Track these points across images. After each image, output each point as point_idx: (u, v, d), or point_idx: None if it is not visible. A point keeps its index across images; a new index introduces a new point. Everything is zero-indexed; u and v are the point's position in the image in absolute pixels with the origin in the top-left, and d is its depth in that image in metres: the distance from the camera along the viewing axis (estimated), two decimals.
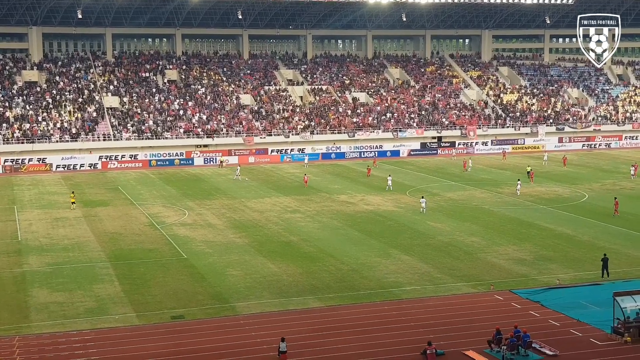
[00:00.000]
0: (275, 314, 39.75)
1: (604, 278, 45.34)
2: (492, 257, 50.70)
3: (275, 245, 54.67)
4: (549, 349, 34.13)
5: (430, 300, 42.06)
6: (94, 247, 54.18)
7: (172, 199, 74.42)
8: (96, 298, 42.46)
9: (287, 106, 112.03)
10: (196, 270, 47.91)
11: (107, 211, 67.85)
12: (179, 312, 39.99)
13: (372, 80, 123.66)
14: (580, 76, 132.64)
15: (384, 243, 54.77)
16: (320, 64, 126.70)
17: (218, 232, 58.80)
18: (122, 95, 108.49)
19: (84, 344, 35.47)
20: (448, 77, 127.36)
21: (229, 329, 37.60)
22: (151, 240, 56.46)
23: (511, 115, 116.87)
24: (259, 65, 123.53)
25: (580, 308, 39.97)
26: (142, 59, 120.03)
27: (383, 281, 45.46)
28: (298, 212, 66.53)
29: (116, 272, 47.67)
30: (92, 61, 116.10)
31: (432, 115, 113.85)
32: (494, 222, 61.68)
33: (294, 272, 47.25)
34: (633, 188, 78.08)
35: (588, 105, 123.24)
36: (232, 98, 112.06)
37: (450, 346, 34.63)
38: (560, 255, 50.96)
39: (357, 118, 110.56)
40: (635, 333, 35.58)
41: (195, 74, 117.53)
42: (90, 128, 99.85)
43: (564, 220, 62.29)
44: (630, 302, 36.36)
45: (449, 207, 68.37)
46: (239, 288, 44.15)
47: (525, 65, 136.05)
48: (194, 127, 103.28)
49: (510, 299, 42.01)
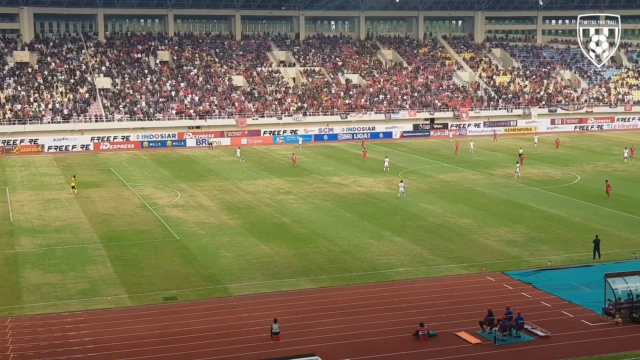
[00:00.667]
0: (267, 295, 39.81)
1: (596, 259, 45.52)
2: (484, 238, 50.83)
3: (267, 226, 54.68)
4: (541, 330, 34.28)
5: (422, 281, 42.17)
6: (86, 229, 54.10)
7: (164, 180, 74.31)
8: (88, 279, 42.44)
9: (280, 87, 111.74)
10: (188, 252, 47.92)
11: (99, 192, 67.72)
12: (171, 294, 40.01)
13: (365, 61, 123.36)
14: (572, 58, 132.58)
15: (376, 225, 54.83)
16: (313, 45, 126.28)
17: (210, 214, 58.77)
18: (114, 76, 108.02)
19: (76, 325, 35.47)
20: (441, 59, 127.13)
21: (221, 310, 37.65)
22: (143, 221, 56.40)
23: (504, 97, 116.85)
24: (252, 47, 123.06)
25: (571, 289, 40.13)
26: (134, 39, 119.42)
27: (375, 263, 45.55)
28: (290, 194, 66.52)
29: (108, 253, 47.64)
30: (84, 42, 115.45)
31: (424, 97, 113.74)
32: (485, 204, 61.79)
33: (286, 254, 47.30)
34: (625, 170, 78.28)
35: (580, 87, 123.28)
36: (225, 79, 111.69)
37: (442, 327, 34.75)
38: (552, 237, 51.12)
39: (350, 99, 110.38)
40: (626, 314, 35.78)
41: (188, 55, 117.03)
42: (82, 109, 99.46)
43: (556, 202, 62.44)
44: (622, 284, 36.52)
45: (441, 189, 68.45)
46: (232, 269, 44.19)
47: (517, 46, 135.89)
48: (186, 108, 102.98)
49: (502, 280, 42.15)
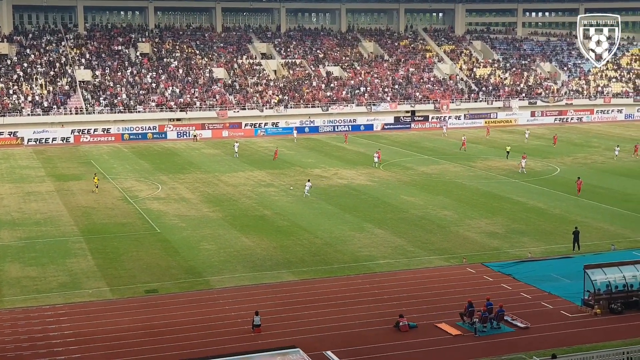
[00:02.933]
0: (249, 288, 39.85)
1: (575, 251, 45.91)
2: (465, 230, 51.09)
3: (249, 219, 54.66)
4: (521, 322, 34.55)
5: (403, 273, 42.37)
6: (66, 222, 53.85)
7: (145, 173, 74.04)
8: (69, 272, 42.28)
9: (261, 80, 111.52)
10: (170, 245, 47.83)
11: (80, 185, 67.39)
12: (152, 286, 39.96)
13: (346, 54, 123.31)
14: (552, 50, 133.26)
15: (358, 217, 54.95)
16: (294, 38, 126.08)
17: (192, 206, 58.65)
18: (94, 68, 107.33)
19: (57, 318, 35.38)
20: (421, 51, 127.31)
21: (202, 302, 37.65)
22: (124, 214, 56.21)
23: (484, 89, 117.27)
24: (232, 39, 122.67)
25: (551, 281, 40.47)
26: (115, 32, 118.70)
27: (357, 255, 45.67)
28: (272, 186, 66.50)
29: (89, 246, 47.47)
30: (64, 34, 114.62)
31: (405, 90, 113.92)
32: (466, 196, 62.07)
33: (267, 246, 47.33)
34: (604, 162, 78.86)
35: (560, 79, 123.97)
36: (205, 71, 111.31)
37: (423, 319, 34.95)
38: (532, 229, 51.46)
39: (331, 92, 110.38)
40: (605, 305, 36.14)
41: (168, 47, 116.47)
42: (62, 101, 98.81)
43: (536, 193, 62.83)
44: (601, 275, 36.90)
45: (423, 181, 68.67)
46: (213, 262, 44.17)
47: (498, 39, 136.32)
48: (167, 100, 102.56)
49: (482, 272, 42.42)
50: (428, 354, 31.43)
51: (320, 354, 30.99)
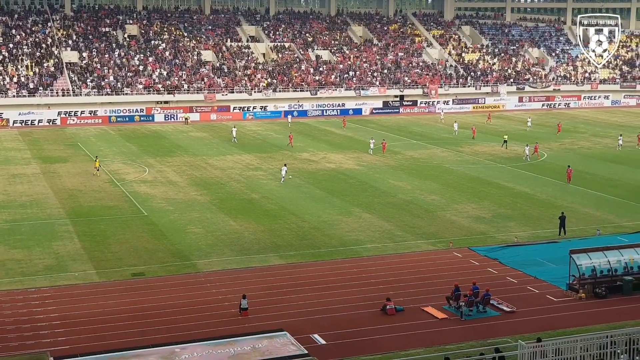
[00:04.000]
0: (236, 271, 39.86)
1: (561, 236, 46.12)
2: (452, 215, 51.23)
3: (236, 202, 54.60)
4: (507, 306, 34.72)
5: (391, 257, 42.47)
6: (52, 204, 53.63)
7: (132, 155, 73.77)
8: (55, 255, 42.15)
9: (250, 63, 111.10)
10: (157, 228, 47.73)
11: (67, 167, 67.08)
12: (139, 270, 39.90)
13: (335, 37, 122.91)
14: (541, 36, 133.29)
15: (346, 201, 54.99)
16: (283, 21, 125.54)
17: (179, 190, 58.52)
18: (81, 50, 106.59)
19: (42, 301, 35.28)
20: (411, 36, 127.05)
21: (189, 286, 37.63)
22: (111, 197, 56.02)
23: (472, 74, 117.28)
24: (221, 21, 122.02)
25: (537, 265, 40.67)
26: (102, 13, 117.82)
27: (344, 239, 45.73)
28: (260, 170, 66.41)
29: (76, 229, 47.31)
30: (50, 15, 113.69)
31: (394, 74, 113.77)
32: (454, 181, 62.20)
33: (255, 230, 47.31)
34: (590, 148, 79.14)
35: (548, 65, 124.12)
36: (193, 54, 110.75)
37: (410, 302, 35.05)
38: (519, 214, 51.66)
39: (320, 76, 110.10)
40: (590, 289, 36.39)
41: (156, 29, 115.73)
42: (48, 83, 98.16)
43: (523, 178, 63.03)
44: (586, 260, 37.13)
45: (410, 166, 68.74)
46: (200, 245, 44.12)
47: (486, 24, 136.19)
48: (155, 83, 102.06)
49: (468, 256, 42.58)
50: (414, 337, 31.54)
51: (308, 337, 31.06)
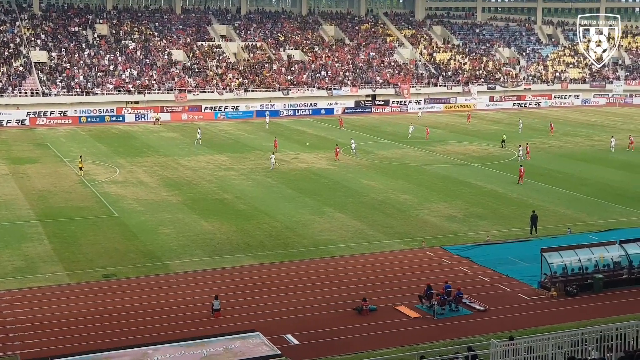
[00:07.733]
0: (208, 272, 39.66)
1: (532, 235, 46.42)
2: (424, 214, 51.38)
3: (208, 203, 54.35)
4: (479, 304, 34.86)
5: (363, 257, 42.49)
6: (22, 205, 53.01)
7: (102, 156, 73.17)
8: (25, 257, 41.66)
9: (221, 63, 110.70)
10: (128, 229, 47.36)
11: (36, 168, 66.37)
12: (110, 271, 39.55)
13: (307, 37, 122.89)
14: (511, 36, 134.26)
15: (318, 201, 54.95)
16: (254, 20, 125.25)
17: (150, 190, 58.12)
18: (50, 49, 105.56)
19: (12, 303, 34.85)
20: (382, 36, 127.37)
21: (161, 287, 37.36)
22: (82, 198, 55.51)
23: (444, 74, 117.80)
24: (192, 21, 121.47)
25: (509, 264, 40.88)
26: (71, 12, 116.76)
27: (317, 239, 45.68)
28: (232, 170, 66.18)
29: (46, 230, 46.81)
30: (18, 14, 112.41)
31: (366, 74, 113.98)
32: (426, 180, 62.40)
33: (227, 230, 47.12)
34: (561, 147, 79.79)
35: (519, 64, 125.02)
36: (164, 54, 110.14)
37: (383, 302, 35.08)
38: (490, 212, 51.93)
39: (292, 76, 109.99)
40: (561, 288, 36.65)
41: (126, 28, 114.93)
42: (17, 83, 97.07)
43: (494, 178, 63.39)
44: (557, 258, 37.39)
45: (383, 165, 68.87)
46: (172, 246, 43.85)
47: (458, 24, 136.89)
48: (125, 83, 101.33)
49: (441, 255, 42.71)
50: (387, 337, 31.56)
51: (281, 337, 30.95)
